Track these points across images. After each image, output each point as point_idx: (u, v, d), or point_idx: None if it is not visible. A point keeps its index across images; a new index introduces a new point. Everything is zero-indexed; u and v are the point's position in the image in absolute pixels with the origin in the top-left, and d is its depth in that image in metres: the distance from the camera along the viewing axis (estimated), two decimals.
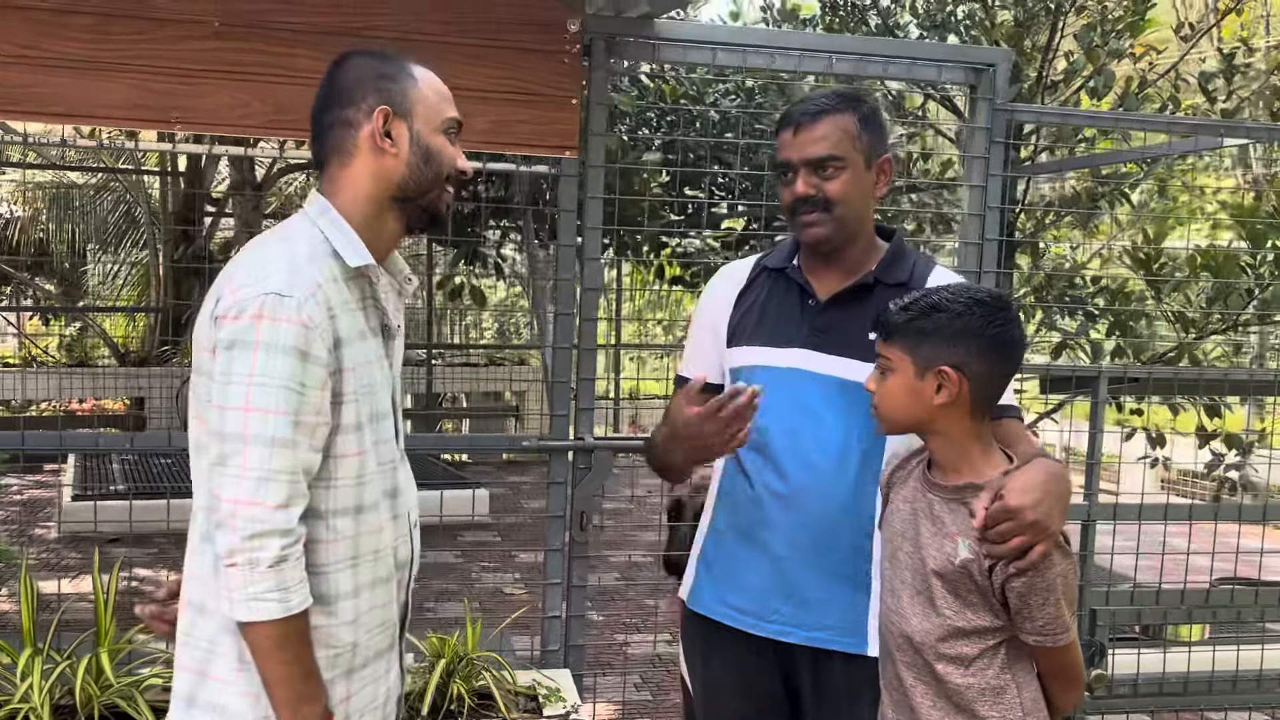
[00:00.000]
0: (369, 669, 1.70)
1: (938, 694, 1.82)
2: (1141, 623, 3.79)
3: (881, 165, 2.07)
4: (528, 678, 3.11)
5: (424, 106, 1.68)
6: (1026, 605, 1.74)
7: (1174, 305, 5.25)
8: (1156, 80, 5.77)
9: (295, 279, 1.55)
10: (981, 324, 1.78)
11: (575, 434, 3.20)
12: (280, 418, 1.51)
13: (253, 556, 1.49)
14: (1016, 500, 1.69)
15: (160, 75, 2.83)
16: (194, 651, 1.63)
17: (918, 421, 1.84)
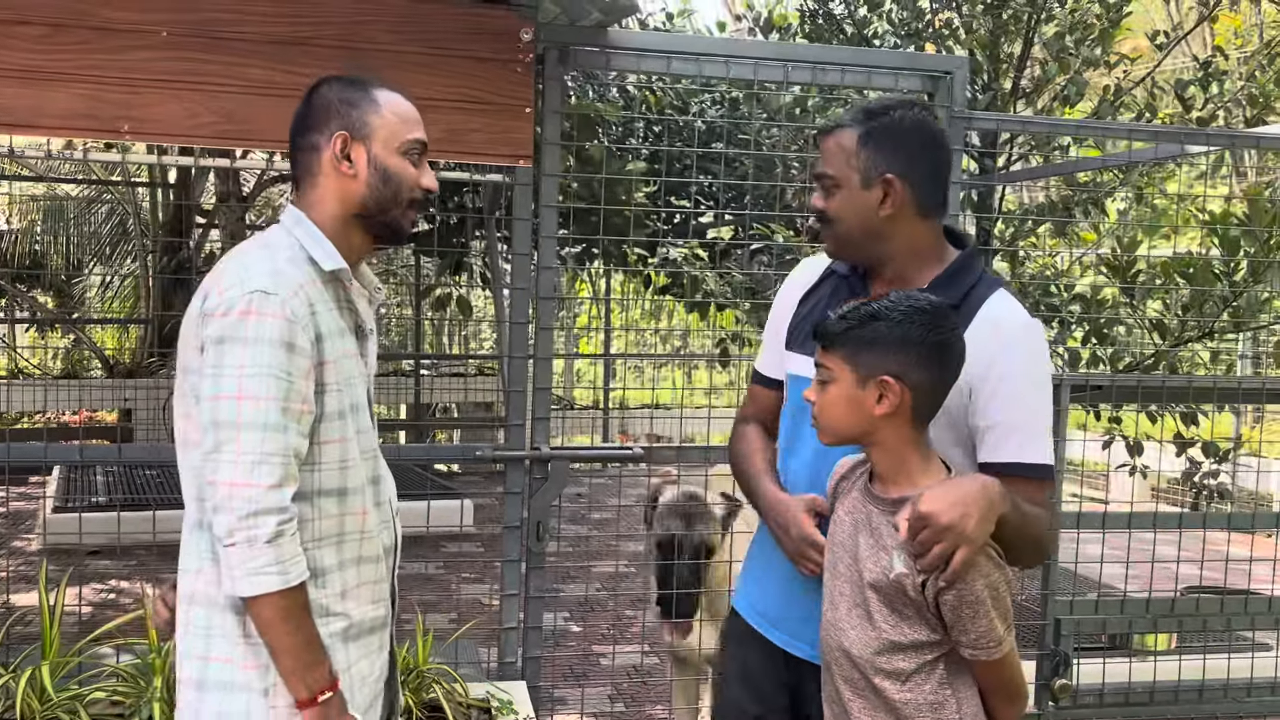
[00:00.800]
0: (364, 641, 1.82)
1: (876, 708, 1.80)
2: (1107, 632, 3.77)
3: (883, 183, 1.97)
4: (482, 690, 3.09)
5: (384, 130, 1.81)
6: (959, 618, 1.72)
7: (1151, 313, 5.24)
8: (1132, 88, 5.77)
9: (279, 278, 1.70)
10: (922, 332, 1.76)
11: (531, 443, 3.19)
12: (271, 403, 1.64)
13: (251, 534, 1.62)
14: (928, 506, 1.68)
15: (109, 85, 2.83)
16: (194, 640, 1.75)
17: (859, 432, 1.82)
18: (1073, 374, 3.82)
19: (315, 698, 1.69)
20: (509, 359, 3.22)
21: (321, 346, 1.73)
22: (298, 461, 1.69)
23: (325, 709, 1.69)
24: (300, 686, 1.68)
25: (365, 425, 1.85)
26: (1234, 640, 4.47)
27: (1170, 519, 3.54)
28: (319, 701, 1.69)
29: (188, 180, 10.43)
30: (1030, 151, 5.81)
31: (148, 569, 6.06)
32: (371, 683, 1.85)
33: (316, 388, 1.72)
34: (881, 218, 1.99)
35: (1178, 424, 5.08)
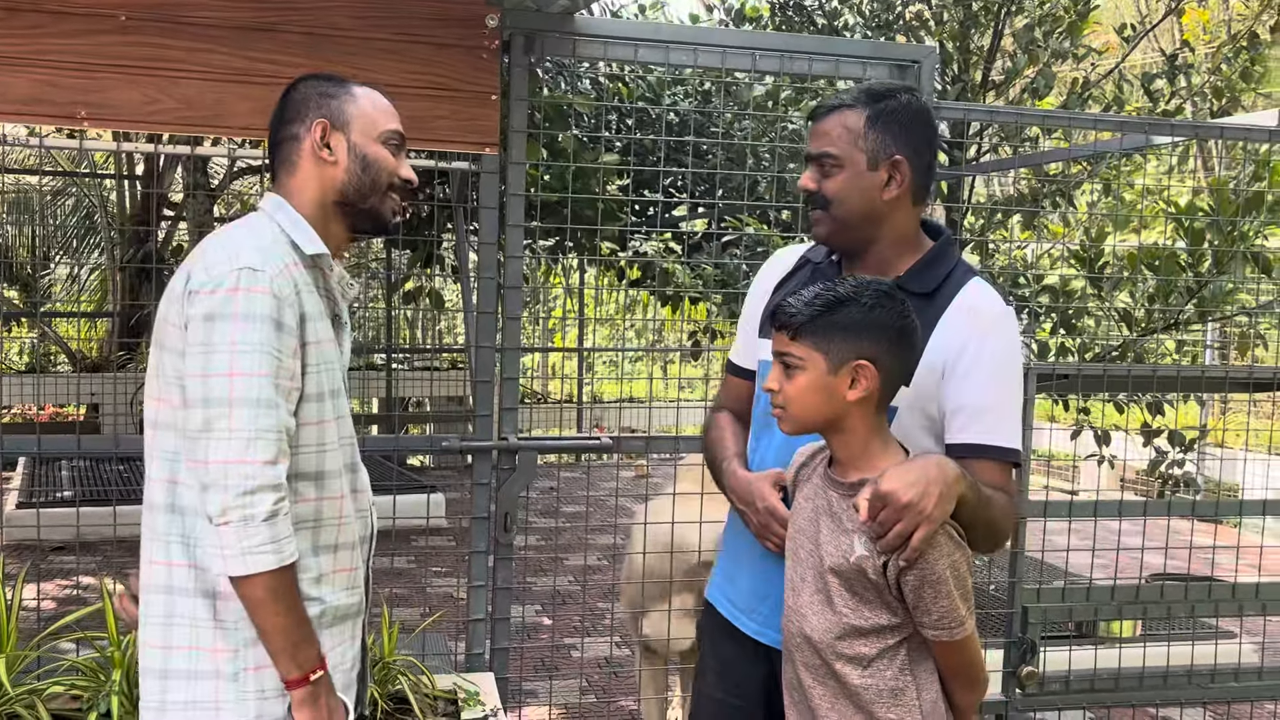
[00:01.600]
0: (338, 629, 1.81)
1: (836, 694, 1.80)
2: (1073, 619, 3.79)
3: (892, 165, 1.95)
4: (449, 681, 3.07)
5: (362, 119, 1.84)
6: (921, 598, 1.72)
7: (1118, 304, 5.27)
8: (1100, 81, 5.80)
9: (266, 257, 1.71)
10: (892, 316, 1.77)
11: (499, 434, 3.17)
12: (263, 379, 1.64)
13: (247, 513, 1.60)
14: (889, 485, 1.67)
15: (66, 70, 2.79)
16: (153, 629, 1.74)
17: (829, 419, 1.80)
18: (1040, 364, 3.84)
19: (307, 676, 1.68)
20: (476, 349, 3.20)
21: (305, 327, 1.73)
22: (289, 439, 1.68)
23: (316, 687, 1.70)
24: (291, 665, 1.68)
25: (343, 411, 1.85)
26: (1198, 627, 4.52)
27: (1136, 507, 3.56)
28: (310, 680, 1.68)
29: (155, 172, 10.32)
30: (999, 143, 5.83)
31: (111, 564, 6.00)
32: (343, 671, 1.83)
33: (300, 367, 1.73)
34: (884, 201, 1.98)
35: (1144, 414, 5.13)
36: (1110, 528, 3.89)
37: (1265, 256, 4.57)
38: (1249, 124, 3.83)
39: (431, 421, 10.30)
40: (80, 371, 10.52)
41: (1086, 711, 3.87)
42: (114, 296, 11.64)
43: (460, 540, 7.11)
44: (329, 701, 1.71)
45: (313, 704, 1.69)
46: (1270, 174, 4.37)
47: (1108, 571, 3.91)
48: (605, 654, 5.25)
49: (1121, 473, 8.45)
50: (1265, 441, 8.18)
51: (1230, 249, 4.47)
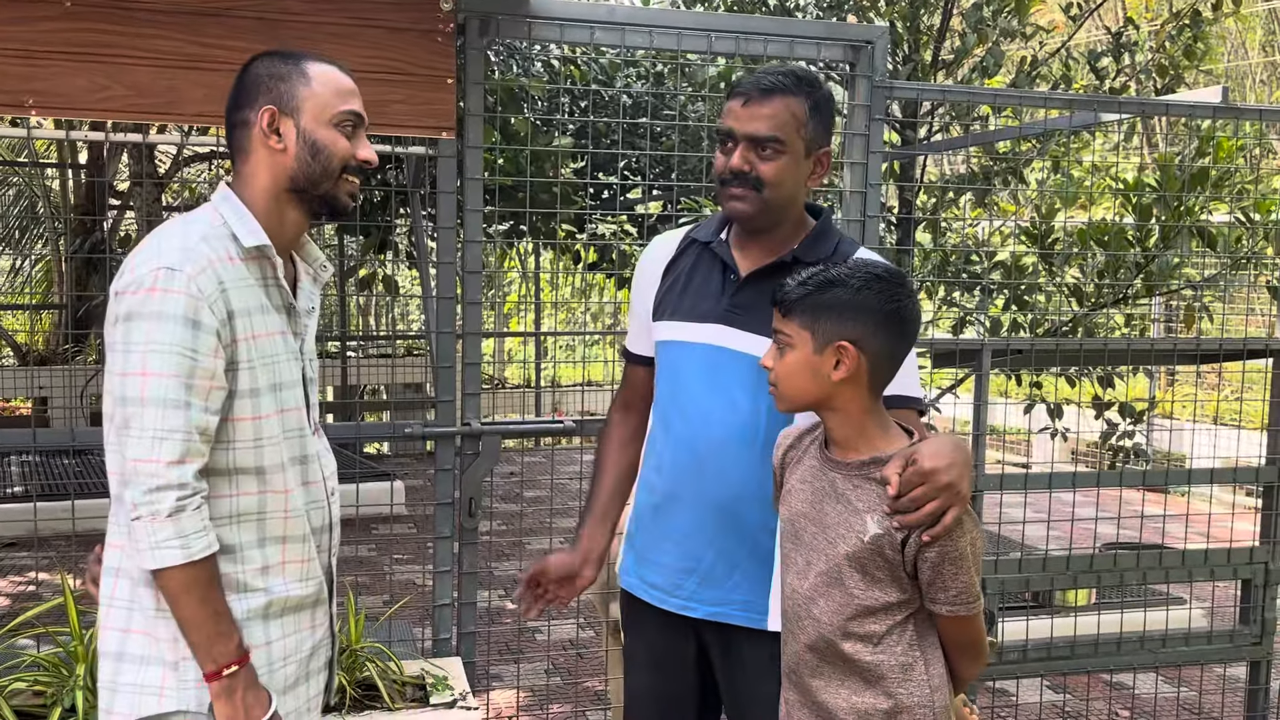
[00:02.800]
0: (292, 618, 1.81)
1: (845, 673, 1.80)
2: (1030, 589, 3.87)
3: (821, 157, 2.05)
4: (417, 667, 3.07)
5: (312, 102, 1.79)
6: (940, 575, 1.73)
7: (1068, 279, 5.36)
8: (1047, 59, 5.88)
9: (186, 255, 1.68)
10: (879, 299, 1.77)
11: (462, 419, 3.17)
12: (172, 380, 1.64)
13: (153, 509, 1.63)
14: (930, 463, 1.68)
15: (10, 58, 2.73)
16: (116, 611, 1.75)
17: (817, 399, 1.81)
18: (995, 339, 3.90)
19: (220, 670, 1.68)
20: (437, 335, 3.19)
21: (234, 324, 1.71)
22: (203, 438, 1.68)
23: (230, 681, 1.69)
24: (206, 659, 1.68)
25: (291, 403, 1.82)
26: (1149, 594, 4.63)
27: (1088, 479, 3.64)
28: (224, 674, 1.68)
29: (100, 159, 10.13)
30: (950, 123, 5.89)
31: (68, 559, 5.91)
32: (298, 661, 1.83)
33: (228, 365, 1.71)
34: (806, 187, 2.07)
35: (1095, 387, 5.23)
36: (1063, 499, 3.97)
37: (1210, 231, 4.67)
38: (1194, 100, 3.91)
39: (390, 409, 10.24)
40: (27, 364, 10.31)
41: (1044, 679, 3.96)
42: (60, 288, 11.41)
43: (421, 527, 7.10)
44: (246, 696, 1.71)
45: (228, 697, 1.69)
46: (1215, 150, 4.47)
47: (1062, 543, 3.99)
48: (570, 636, 5.28)
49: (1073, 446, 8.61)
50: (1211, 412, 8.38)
51: (1177, 224, 4.56)
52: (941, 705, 1.80)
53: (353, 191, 1.85)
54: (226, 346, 1.70)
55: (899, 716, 1.78)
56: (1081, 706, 4.36)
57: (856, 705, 1.79)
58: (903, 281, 1.81)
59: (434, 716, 2.84)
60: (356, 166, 1.84)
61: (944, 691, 1.81)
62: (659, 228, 7.12)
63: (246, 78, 1.83)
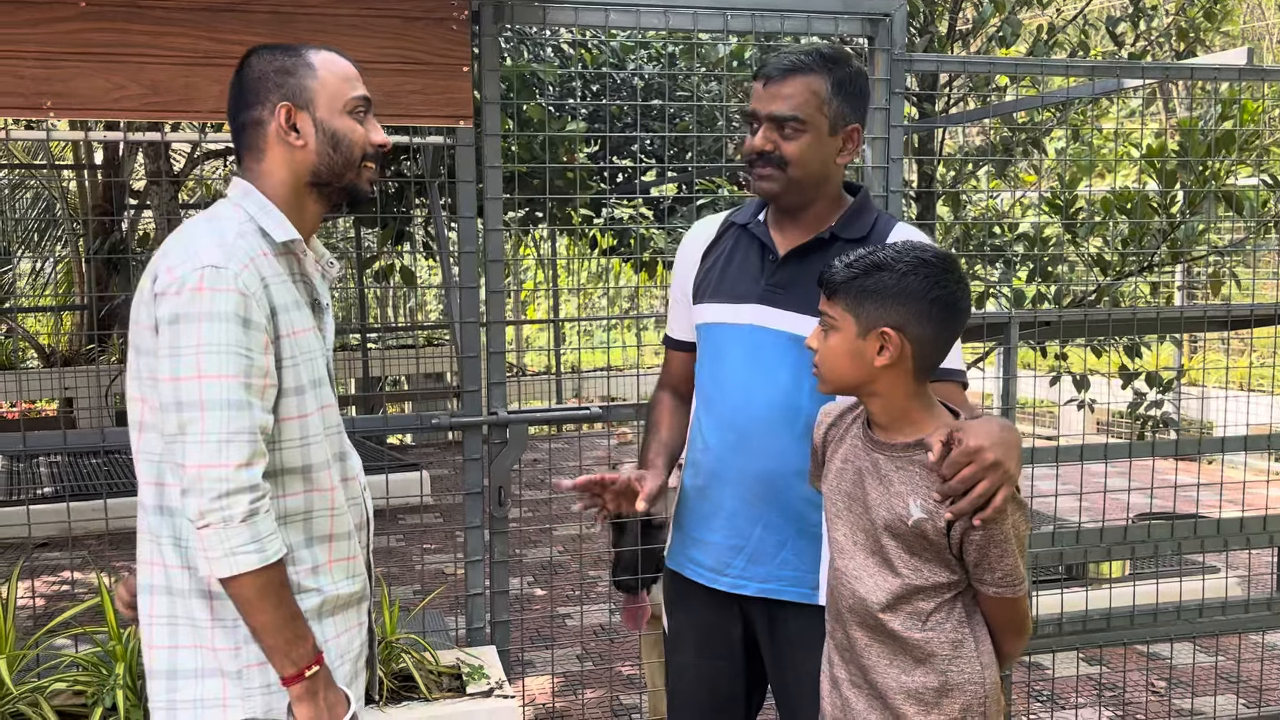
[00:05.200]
0: (341, 617, 1.80)
1: (895, 651, 1.79)
2: (1064, 562, 3.84)
3: (849, 133, 2.05)
4: (452, 657, 3.08)
5: (325, 94, 1.76)
6: (986, 557, 1.70)
7: (1092, 248, 5.31)
8: (1064, 27, 5.80)
9: (229, 253, 1.65)
10: (925, 286, 1.73)
11: (488, 408, 3.16)
12: (232, 382, 1.60)
13: (225, 515, 1.59)
14: (976, 441, 1.66)
15: (28, 60, 2.73)
16: (159, 630, 1.72)
17: (859, 382, 1.79)
18: (1021, 311, 3.86)
19: (302, 672, 1.66)
20: (460, 325, 3.18)
21: (277, 320, 1.69)
22: (264, 438, 1.65)
23: (312, 683, 1.67)
24: (285, 663, 1.66)
25: (329, 399, 1.81)
26: (1184, 564, 4.60)
27: (1120, 450, 3.60)
28: (306, 676, 1.66)
29: (116, 159, 10.16)
30: (968, 94, 5.83)
31: (101, 558, 5.96)
32: (351, 659, 1.83)
33: (274, 362, 1.68)
34: (835, 164, 2.07)
35: (1122, 357, 5.18)
36: (1094, 471, 3.94)
37: (1235, 195, 4.60)
38: (1219, 64, 3.84)
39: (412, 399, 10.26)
40: (51, 366, 10.39)
41: (1079, 652, 3.93)
42: (81, 289, 11.48)
43: (448, 517, 7.12)
44: (327, 696, 1.70)
45: (311, 700, 1.67)
46: (1240, 112, 4.40)
47: (1094, 514, 3.96)
48: (601, 621, 5.28)
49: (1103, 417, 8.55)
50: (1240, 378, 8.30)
51: (1202, 189, 4.50)
52: (992, 682, 1.78)
53: (372, 178, 1.83)
54: (273, 343, 1.68)
55: (950, 694, 1.76)
56: (1118, 678, 4.34)
57: (906, 684, 1.78)
58: (951, 266, 1.77)
59: (471, 706, 2.85)
60: (374, 152, 1.82)
61: (994, 669, 1.79)
62: (676, 209, 7.10)
63: (249, 75, 1.79)
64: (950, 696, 1.76)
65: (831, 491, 1.88)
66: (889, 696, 1.79)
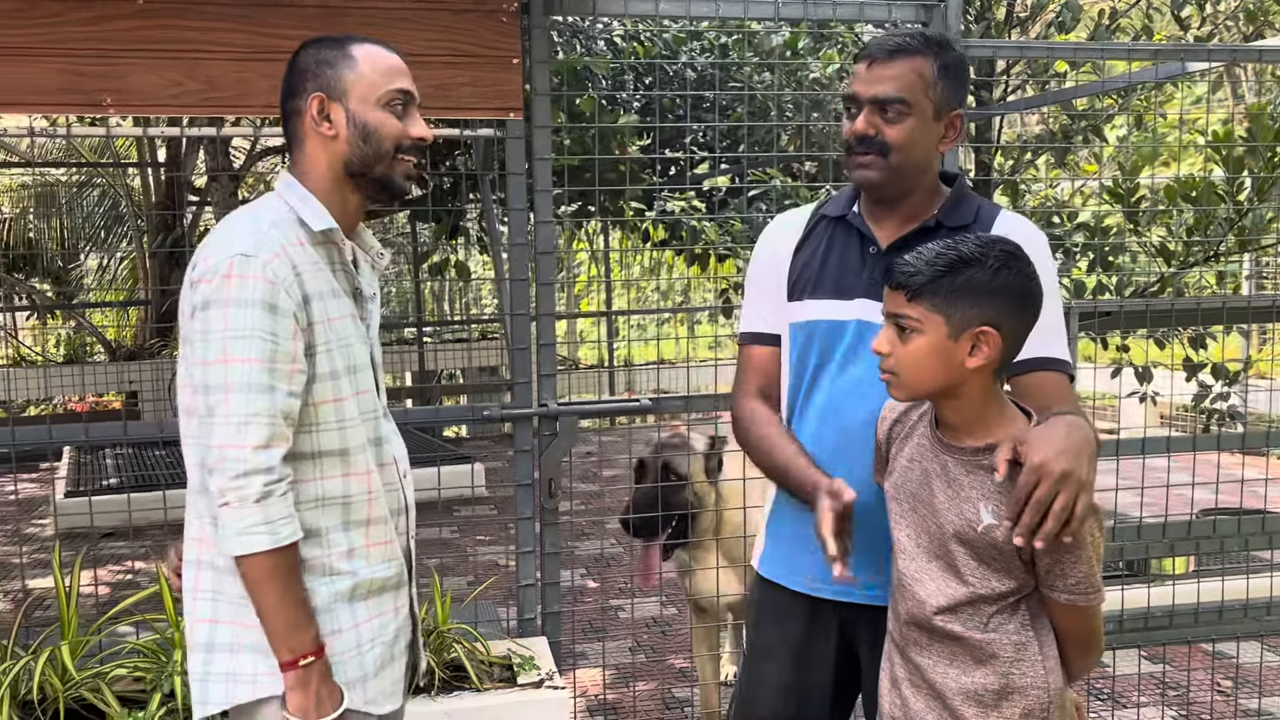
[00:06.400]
0: (375, 601, 1.82)
1: (955, 651, 1.73)
2: (1124, 558, 3.76)
3: (952, 120, 1.94)
4: (503, 647, 3.09)
5: (361, 85, 1.78)
6: (1059, 564, 1.64)
7: (1154, 238, 5.19)
8: (1127, 10, 5.67)
9: (259, 241, 1.70)
10: (1017, 279, 1.66)
11: (538, 400, 3.17)
12: (254, 365, 1.65)
13: (241, 494, 1.63)
14: (1040, 454, 1.58)
15: (87, 57, 2.78)
16: (202, 603, 1.77)
17: (945, 386, 1.70)
18: (1082, 302, 3.78)
19: (296, 661, 1.68)
20: (511, 317, 3.19)
21: (310, 308, 1.72)
22: (288, 422, 1.68)
23: (305, 673, 1.69)
24: (282, 648, 1.68)
25: (365, 386, 1.83)
26: (1251, 561, 4.47)
27: (1183, 443, 3.52)
28: (300, 665, 1.69)
29: (178, 157, 10.37)
30: (1026, 81, 5.72)
31: (162, 548, 6.08)
32: (384, 644, 1.84)
33: (306, 349, 1.71)
34: (938, 153, 1.97)
35: (1186, 349, 5.06)
36: (1156, 466, 3.84)
37: None
38: None
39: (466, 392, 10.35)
40: (117, 360, 10.63)
41: (1141, 650, 3.85)
42: (145, 284, 11.74)
43: (501, 508, 7.17)
44: (320, 689, 1.71)
45: (302, 689, 1.69)
46: None
47: (1155, 510, 3.86)
48: (653, 614, 5.28)
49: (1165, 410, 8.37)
50: None
51: (1271, 176, 4.37)
52: (1056, 688, 1.72)
53: (409, 172, 1.82)
54: (305, 330, 1.71)
55: (1010, 697, 1.70)
56: (1182, 677, 4.24)
57: (965, 685, 1.72)
58: (1028, 259, 1.70)
59: (521, 696, 2.86)
60: (411, 145, 1.81)
61: (1059, 674, 1.72)
62: (729, 201, 7.06)
63: (295, 66, 1.83)
64: (1011, 700, 1.71)
65: (895, 491, 1.82)
66: (948, 697, 1.74)
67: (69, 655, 2.66)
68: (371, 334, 1.90)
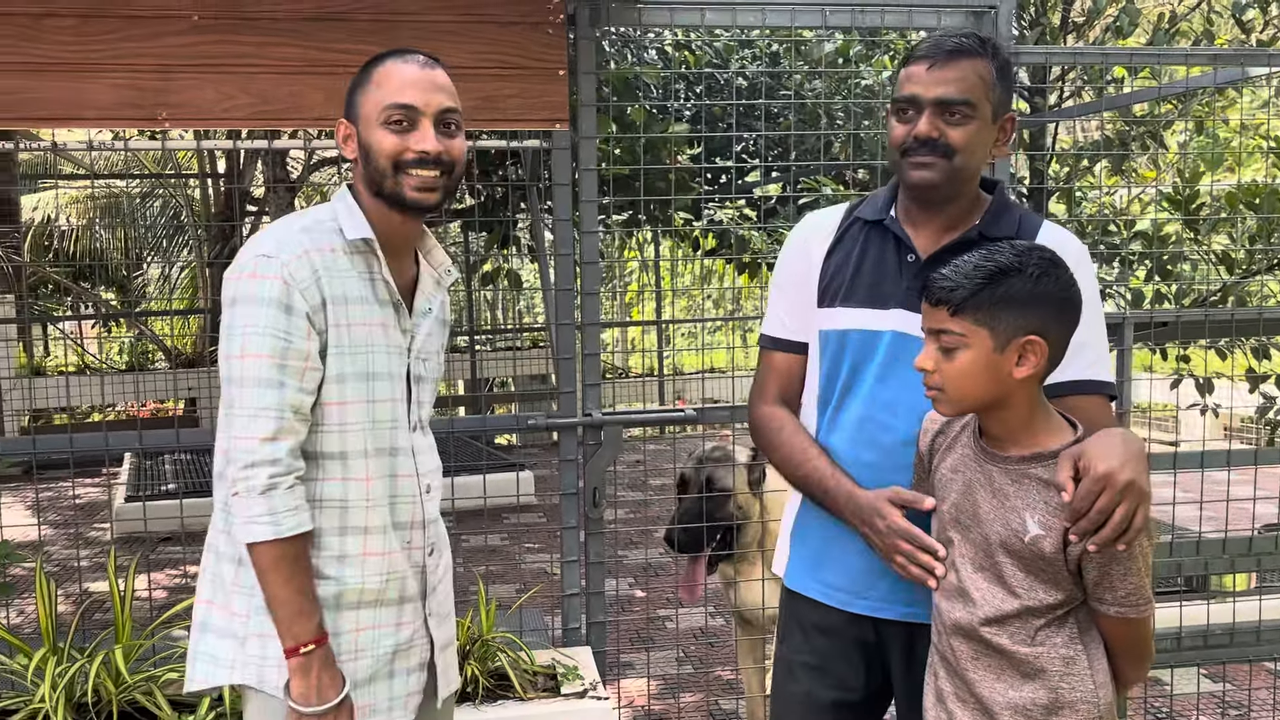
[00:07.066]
0: (367, 613, 1.82)
1: (1002, 665, 1.70)
2: (1183, 574, 3.67)
3: (1005, 123, 1.92)
4: (548, 657, 3.10)
5: (367, 106, 1.82)
6: (1108, 576, 1.61)
7: (1216, 245, 5.07)
8: (1187, 15, 5.56)
9: (282, 244, 1.75)
10: (1058, 287, 1.64)
11: (583, 410, 3.17)
12: (265, 361, 1.70)
13: (248, 485, 1.69)
14: (1104, 464, 1.55)
15: (144, 72, 2.84)
16: (205, 584, 1.84)
17: (992, 399, 1.67)
18: (1137, 312, 3.70)
19: (298, 648, 1.72)
20: (556, 327, 3.20)
21: (327, 311, 1.76)
22: (297, 417, 1.73)
23: (307, 660, 1.73)
24: (286, 635, 1.73)
25: (384, 395, 1.83)
26: None
27: (1245, 456, 3.42)
28: (301, 652, 1.72)
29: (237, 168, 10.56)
30: (1083, 87, 5.62)
31: None
32: (376, 656, 1.83)
33: (321, 350, 1.76)
34: (993, 155, 1.94)
35: (1249, 359, 4.93)
36: (1216, 479, 3.75)
37: None
38: None
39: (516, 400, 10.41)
40: (176, 367, 10.85)
41: (1201, 668, 3.75)
42: (204, 293, 11.97)
43: (551, 516, 7.19)
44: (321, 676, 1.74)
45: (303, 675, 1.73)
46: None
47: (1216, 524, 3.77)
48: (700, 624, 5.26)
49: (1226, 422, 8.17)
50: None
51: None
52: (1107, 703, 1.68)
53: (419, 185, 1.80)
54: (321, 333, 1.75)
55: (1060, 712, 1.67)
56: (1243, 696, 4.12)
57: (1014, 700, 1.69)
58: (1064, 262, 1.68)
59: (565, 706, 2.86)
60: (415, 159, 1.79)
61: (1109, 689, 1.69)
62: (778, 210, 7.03)
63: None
64: (1060, 715, 1.67)
65: (938, 502, 1.80)
66: (996, 712, 1.70)
67: (122, 659, 2.70)
68: (417, 348, 1.90)
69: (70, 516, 7.37)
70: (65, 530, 7.25)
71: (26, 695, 2.69)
